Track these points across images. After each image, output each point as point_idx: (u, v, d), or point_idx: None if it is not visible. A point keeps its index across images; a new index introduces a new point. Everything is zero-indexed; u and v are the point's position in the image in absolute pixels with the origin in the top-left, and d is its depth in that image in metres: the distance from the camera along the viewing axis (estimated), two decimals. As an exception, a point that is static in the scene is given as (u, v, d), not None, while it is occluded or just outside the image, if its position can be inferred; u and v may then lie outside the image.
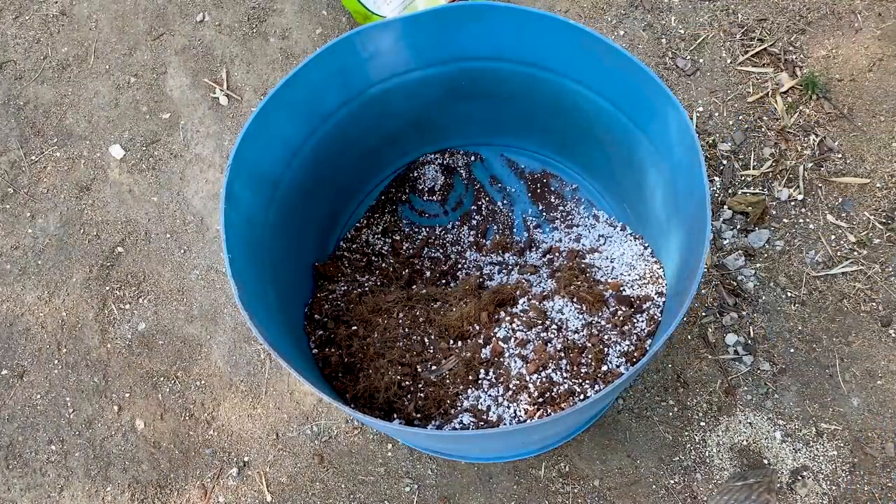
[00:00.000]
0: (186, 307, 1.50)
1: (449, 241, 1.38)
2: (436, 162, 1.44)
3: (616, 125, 1.15)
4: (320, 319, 1.21)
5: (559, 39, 1.07)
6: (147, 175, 1.62)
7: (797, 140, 1.49)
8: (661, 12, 1.61)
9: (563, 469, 1.32)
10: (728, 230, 1.43)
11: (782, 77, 1.53)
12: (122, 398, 1.46)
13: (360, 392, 1.11)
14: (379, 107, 1.23)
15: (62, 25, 1.77)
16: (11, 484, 1.43)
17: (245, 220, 1.03)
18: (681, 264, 1.05)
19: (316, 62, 1.06)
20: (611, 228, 1.33)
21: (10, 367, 1.51)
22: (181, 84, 1.68)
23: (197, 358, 1.47)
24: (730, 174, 1.48)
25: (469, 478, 1.33)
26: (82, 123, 1.68)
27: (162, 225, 1.57)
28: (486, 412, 1.07)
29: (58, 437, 1.45)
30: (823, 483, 1.27)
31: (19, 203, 1.63)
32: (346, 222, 1.41)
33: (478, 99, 1.29)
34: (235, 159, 1.00)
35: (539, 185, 1.42)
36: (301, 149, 1.17)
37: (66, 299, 1.54)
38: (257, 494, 1.37)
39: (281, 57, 1.68)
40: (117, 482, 1.41)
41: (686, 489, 1.30)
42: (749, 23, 1.59)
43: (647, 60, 1.57)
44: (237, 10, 1.73)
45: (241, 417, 1.42)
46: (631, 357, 1.08)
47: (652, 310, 1.12)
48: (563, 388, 1.06)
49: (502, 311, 1.16)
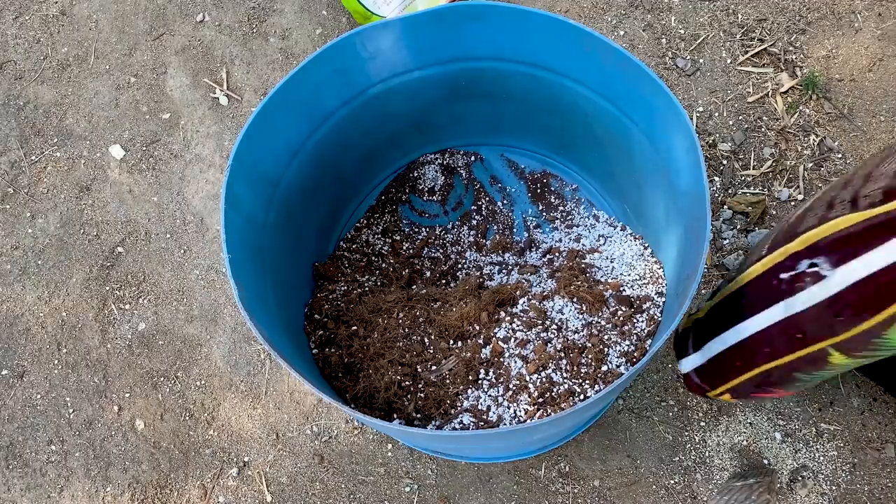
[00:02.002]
0: (186, 307, 1.50)
1: (449, 241, 1.38)
2: (436, 162, 1.44)
3: (616, 125, 1.16)
4: (320, 319, 1.21)
5: (559, 39, 1.07)
6: (147, 175, 1.62)
7: (797, 140, 1.49)
8: (661, 12, 1.61)
9: (563, 469, 1.32)
10: (728, 230, 1.43)
11: (782, 77, 1.53)
12: (122, 398, 1.46)
13: (360, 392, 1.11)
14: (379, 107, 1.23)
15: (62, 25, 1.77)
16: (11, 484, 1.43)
17: (245, 220, 1.03)
18: (681, 264, 1.05)
19: (316, 62, 1.06)
20: (611, 228, 1.33)
21: (10, 367, 1.51)
22: (181, 84, 1.68)
23: (197, 358, 1.47)
24: (730, 174, 1.48)
25: (469, 478, 1.33)
26: (82, 123, 1.68)
27: (162, 225, 1.57)
28: (486, 412, 1.07)
29: (58, 437, 1.45)
30: (823, 483, 1.27)
31: (19, 203, 1.63)
32: (346, 222, 1.41)
33: (478, 99, 1.29)
34: (235, 159, 1.00)
35: (539, 185, 1.42)
36: (301, 149, 1.17)
37: (66, 299, 1.54)
38: (257, 494, 1.37)
39: (281, 57, 1.68)
40: (117, 482, 1.41)
41: (686, 489, 1.30)
42: (749, 23, 1.59)
43: (647, 60, 1.57)
44: (237, 10, 1.73)
45: (241, 417, 1.42)
46: (631, 357, 1.08)
47: (652, 310, 1.12)
48: (563, 388, 1.06)
49: (502, 311, 1.16)
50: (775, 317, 0.91)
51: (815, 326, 0.86)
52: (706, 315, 1.07)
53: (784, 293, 0.89)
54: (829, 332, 0.84)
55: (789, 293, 0.89)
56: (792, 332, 0.89)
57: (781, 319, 0.90)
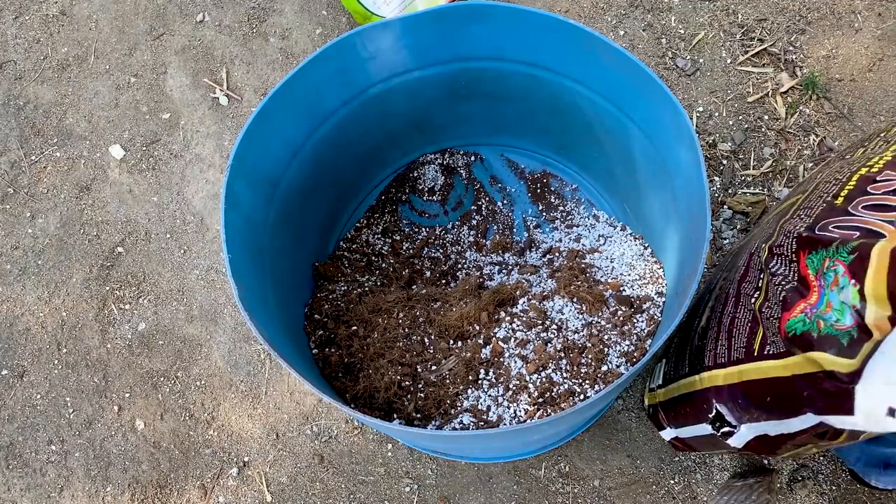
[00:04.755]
0: (186, 307, 1.50)
1: (449, 241, 1.38)
2: (436, 162, 1.44)
3: (616, 125, 1.16)
4: (320, 319, 1.21)
5: (559, 39, 1.07)
6: (147, 175, 1.62)
7: (797, 140, 1.49)
8: (661, 12, 1.61)
9: (563, 469, 1.32)
10: (728, 230, 1.43)
11: (782, 77, 1.53)
12: (122, 398, 1.46)
13: (360, 392, 1.11)
14: (379, 107, 1.23)
15: (62, 25, 1.77)
16: (11, 484, 1.43)
17: (245, 220, 1.03)
18: (681, 264, 1.05)
19: (316, 62, 1.06)
20: (611, 228, 1.33)
21: (10, 367, 1.51)
22: (181, 84, 1.68)
23: (197, 358, 1.47)
24: (730, 174, 1.48)
25: (469, 478, 1.33)
26: (82, 123, 1.68)
27: (162, 225, 1.57)
28: (486, 412, 1.07)
29: (58, 437, 1.45)
30: (823, 483, 1.27)
31: (19, 203, 1.63)
32: (346, 222, 1.41)
33: (478, 99, 1.29)
34: (235, 159, 1.00)
35: (539, 185, 1.42)
36: (301, 149, 1.17)
37: (66, 299, 1.54)
38: (257, 494, 1.37)
39: (281, 57, 1.68)
40: (117, 482, 1.41)
41: (686, 489, 1.30)
42: (749, 23, 1.59)
43: (647, 60, 1.57)
44: (237, 10, 1.73)
45: (241, 417, 1.42)
46: (631, 357, 1.08)
47: (652, 310, 1.12)
48: (563, 388, 1.06)
49: (502, 311, 1.16)
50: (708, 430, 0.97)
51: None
52: (666, 402, 1.12)
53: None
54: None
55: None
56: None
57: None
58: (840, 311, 0.67)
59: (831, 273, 0.70)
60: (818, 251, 0.74)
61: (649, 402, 1.23)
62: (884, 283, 0.62)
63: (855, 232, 0.72)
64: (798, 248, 0.79)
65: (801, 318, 0.74)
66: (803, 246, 0.78)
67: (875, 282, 0.63)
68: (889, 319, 0.62)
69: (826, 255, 0.72)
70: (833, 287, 0.69)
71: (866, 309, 0.64)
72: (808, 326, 0.72)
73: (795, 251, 0.79)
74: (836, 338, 0.67)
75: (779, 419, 0.79)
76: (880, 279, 0.63)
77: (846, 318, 0.67)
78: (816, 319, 0.71)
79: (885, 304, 0.62)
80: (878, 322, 0.63)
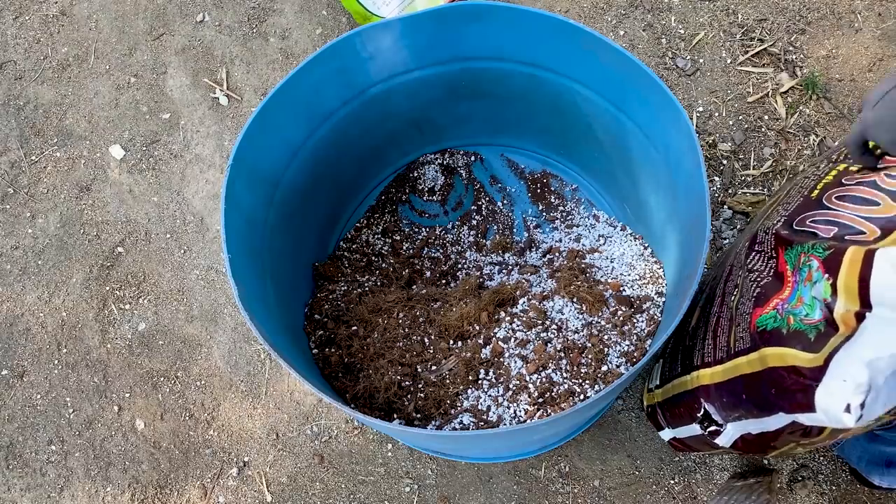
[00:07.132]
0: (186, 307, 1.50)
1: (449, 241, 1.38)
2: (436, 162, 1.44)
3: (615, 125, 1.16)
4: (320, 319, 1.21)
5: (559, 39, 1.07)
6: (147, 175, 1.62)
7: (797, 140, 1.49)
8: (661, 12, 1.61)
9: (563, 469, 1.32)
10: (728, 230, 1.43)
11: (782, 77, 1.53)
12: (122, 398, 1.46)
13: (360, 392, 1.11)
14: (379, 107, 1.23)
15: (62, 25, 1.77)
16: (11, 484, 1.43)
17: (245, 220, 1.03)
18: (681, 264, 1.05)
19: (316, 62, 1.06)
20: (611, 228, 1.33)
21: (10, 367, 1.51)
22: (181, 84, 1.68)
23: (197, 358, 1.47)
24: (730, 174, 1.48)
25: (469, 478, 1.33)
26: (82, 123, 1.68)
27: (162, 225, 1.57)
28: (486, 412, 1.07)
29: (58, 437, 1.45)
30: (824, 483, 1.27)
31: (19, 203, 1.63)
32: (346, 222, 1.41)
33: (478, 99, 1.29)
34: (235, 159, 1.00)
35: (539, 185, 1.42)
36: (301, 149, 1.17)
37: (66, 299, 1.54)
38: (257, 494, 1.37)
39: (281, 57, 1.68)
40: (117, 482, 1.41)
41: (686, 489, 1.29)
42: (749, 23, 1.59)
43: (647, 60, 1.57)
44: (237, 10, 1.73)
45: (241, 417, 1.42)
46: (631, 357, 1.08)
47: (652, 310, 1.12)
48: (563, 388, 1.06)
49: (502, 311, 1.16)
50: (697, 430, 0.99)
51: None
52: (663, 402, 1.13)
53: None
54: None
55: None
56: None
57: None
58: (810, 305, 0.68)
59: (806, 268, 0.71)
60: (794, 246, 0.75)
61: (648, 403, 1.23)
62: (856, 277, 0.63)
63: (833, 227, 0.73)
64: (776, 244, 0.79)
65: (772, 314, 0.75)
66: (781, 242, 0.78)
67: (848, 275, 0.64)
68: (856, 315, 0.63)
69: (802, 251, 0.73)
70: (806, 282, 0.70)
71: (836, 303, 0.65)
72: (779, 323, 0.73)
73: (774, 247, 0.80)
74: (803, 333, 0.68)
75: (757, 418, 0.79)
76: (853, 273, 0.64)
77: (815, 313, 0.68)
78: (787, 315, 0.72)
79: (854, 299, 0.63)
80: (845, 317, 0.64)
